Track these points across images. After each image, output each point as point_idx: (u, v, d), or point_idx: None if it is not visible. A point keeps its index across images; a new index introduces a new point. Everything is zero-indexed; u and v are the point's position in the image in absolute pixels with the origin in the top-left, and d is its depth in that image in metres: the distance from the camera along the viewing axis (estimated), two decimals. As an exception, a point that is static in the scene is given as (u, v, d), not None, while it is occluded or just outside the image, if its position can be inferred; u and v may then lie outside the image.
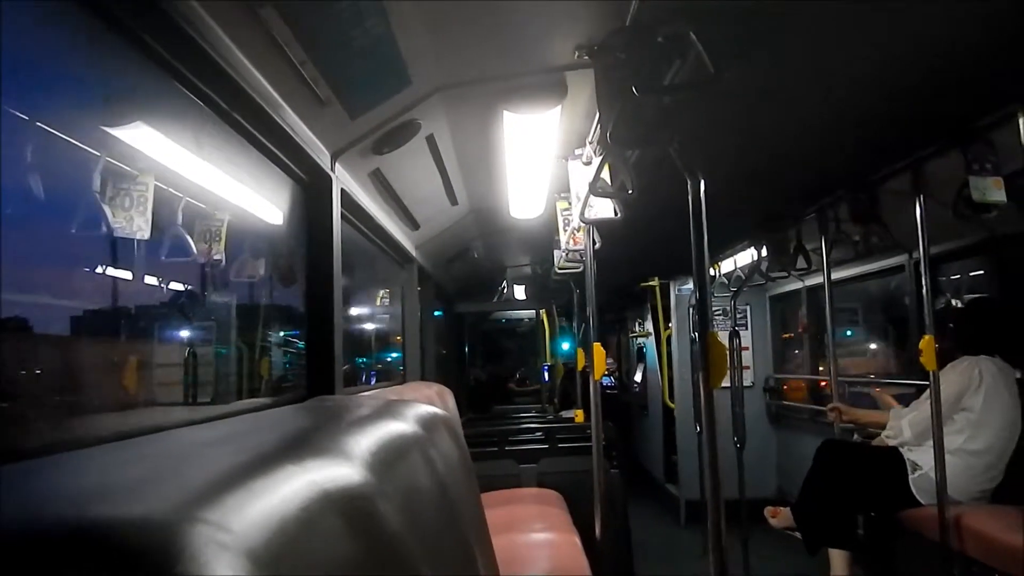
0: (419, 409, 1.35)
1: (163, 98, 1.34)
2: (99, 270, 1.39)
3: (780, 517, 3.43)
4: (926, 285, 2.83)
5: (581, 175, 2.46)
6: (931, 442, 2.81)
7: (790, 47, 1.86)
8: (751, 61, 1.83)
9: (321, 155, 1.90)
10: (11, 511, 0.50)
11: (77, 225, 1.32)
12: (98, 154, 1.30)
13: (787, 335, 5.79)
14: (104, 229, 1.27)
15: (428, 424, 1.28)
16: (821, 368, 5.19)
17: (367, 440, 0.91)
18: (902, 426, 3.17)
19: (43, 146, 1.17)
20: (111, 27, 1.09)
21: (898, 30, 1.79)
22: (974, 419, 2.96)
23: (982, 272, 3.75)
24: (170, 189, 1.52)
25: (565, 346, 8.01)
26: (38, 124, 1.19)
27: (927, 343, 2.73)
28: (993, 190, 2.42)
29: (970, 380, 2.98)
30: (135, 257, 1.41)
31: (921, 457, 3.03)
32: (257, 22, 1.32)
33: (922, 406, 3.09)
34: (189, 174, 1.57)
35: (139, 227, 1.35)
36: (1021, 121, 2.14)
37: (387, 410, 1.22)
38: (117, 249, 1.36)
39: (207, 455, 0.85)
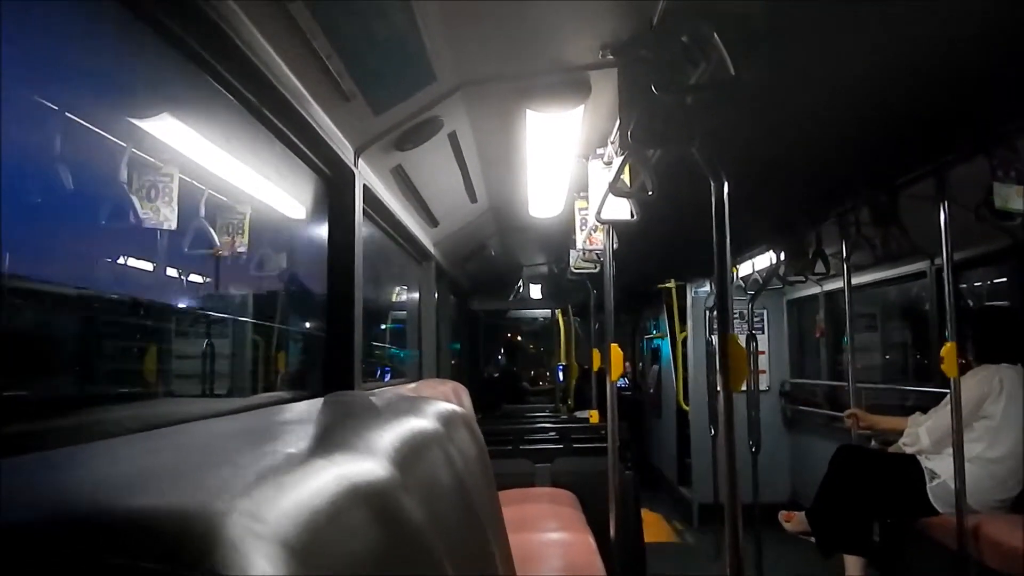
0: (439, 406, 1.36)
1: (192, 90, 1.35)
2: (132, 261, 1.40)
3: (794, 521, 3.42)
4: (949, 292, 2.79)
5: (601, 175, 2.45)
6: (950, 450, 2.78)
7: (813, 49, 1.84)
8: (774, 63, 1.82)
9: (345, 150, 1.91)
10: (45, 499, 0.51)
11: (105, 215, 1.33)
12: (126, 145, 1.31)
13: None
14: (132, 219, 1.29)
15: (447, 421, 1.29)
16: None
17: (390, 436, 0.91)
18: (919, 433, 3.14)
19: (72, 137, 1.18)
20: (141, 20, 1.10)
21: (924, 33, 1.77)
22: (994, 427, 2.94)
23: (1005, 280, 3.71)
24: (195, 182, 1.53)
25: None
26: (67, 115, 1.20)
27: (948, 350, 2.70)
28: (1015, 198, 2.41)
29: (990, 388, 2.96)
30: (165, 248, 1.43)
31: (939, 465, 3.00)
32: (285, 15, 1.32)
33: (939, 413, 3.07)
34: (215, 167, 1.58)
35: (165, 218, 1.37)
36: None
37: (408, 407, 1.23)
38: (153, 240, 1.38)
39: (233, 448, 0.86)
